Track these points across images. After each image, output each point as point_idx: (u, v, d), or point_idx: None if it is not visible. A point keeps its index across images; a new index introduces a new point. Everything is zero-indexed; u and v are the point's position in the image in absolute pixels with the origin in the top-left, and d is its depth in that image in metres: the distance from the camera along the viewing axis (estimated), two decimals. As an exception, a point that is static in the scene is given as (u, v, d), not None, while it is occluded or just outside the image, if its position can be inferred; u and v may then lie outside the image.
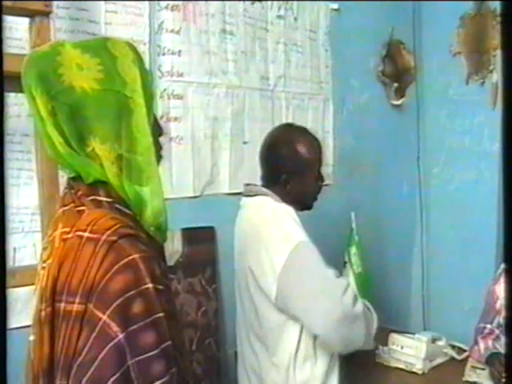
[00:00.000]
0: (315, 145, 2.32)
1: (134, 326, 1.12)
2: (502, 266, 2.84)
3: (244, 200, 2.31)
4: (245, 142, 2.97)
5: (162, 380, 1.13)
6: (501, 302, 2.79)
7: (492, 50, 3.73)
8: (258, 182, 2.37)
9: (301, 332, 2.12)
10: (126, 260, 1.14)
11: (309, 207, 2.32)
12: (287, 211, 2.16)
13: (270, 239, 2.10)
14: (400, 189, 4.01)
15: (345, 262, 2.94)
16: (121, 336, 1.10)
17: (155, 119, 1.35)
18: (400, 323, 3.62)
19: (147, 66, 2.12)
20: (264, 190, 2.24)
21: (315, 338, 2.12)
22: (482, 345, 2.72)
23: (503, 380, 2.54)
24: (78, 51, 1.24)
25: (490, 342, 2.71)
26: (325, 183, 2.40)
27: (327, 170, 3.29)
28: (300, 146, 2.27)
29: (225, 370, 2.83)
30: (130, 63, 1.27)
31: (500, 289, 2.81)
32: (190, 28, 2.73)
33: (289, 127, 2.43)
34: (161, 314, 1.15)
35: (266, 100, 3.10)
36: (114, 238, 1.16)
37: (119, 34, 2.41)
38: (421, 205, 4.06)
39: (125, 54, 1.28)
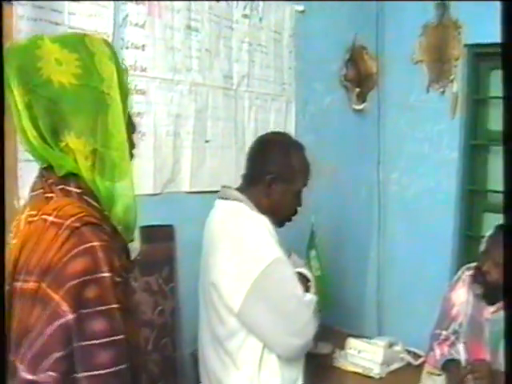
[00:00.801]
0: (308, 165, 2.31)
1: (85, 311, 1.14)
2: (459, 273, 2.88)
3: (217, 202, 2.26)
4: (207, 141, 2.94)
5: (107, 370, 1.14)
6: (457, 309, 2.82)
7: (453, 59, 3.77)
8: (219, 181, 2.34)
9: None
10: (85, 246, 1.16)
11: (281, 223, 2.27)
12: (263, 223, 2.12)
13: (241, 256, 2.05)
14: (359, 193, 4.02)
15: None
16: (70, 317, 1.13)
17: (129, 116, 1.37)
18: (355, 327, 3.63)
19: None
20: (239, 195, 2.19)
21: None
22: (437, 351, 2.74)
23: None
24: (56, 46, 1.26)
25: (445, 349, 2.73)
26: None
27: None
28: (296, 155, 2.26)
29: (181, 369, 2.79)
30: (107, 60, 1.30)
31: (456, 296, 2.84)
32: (154, 22, 2.68)
33: (290, 137, 2.40)
34: (114, 305, 1.17)
35: (229, 99, 3.07)
36: (78, 224, 1.18)
37: (83, 25, 2.36)
38: (379, 210, 4.08)
39: (102, 50, 1.30)
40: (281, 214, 2.24)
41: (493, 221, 3.67)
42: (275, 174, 2.19)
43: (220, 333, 2.12)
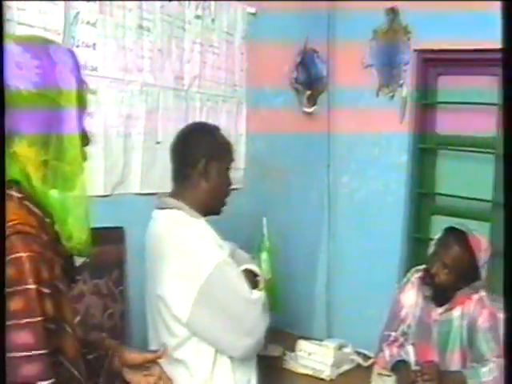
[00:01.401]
0: (230, 143, 2.34)
1: (9, 323, 1.10)
2: (408, 275, 2.93)
3: (155, 213, 2.25)
4: (158, 142, 2.93)
5: None
6: (405, 311, 2.87)
7: (403, 64, 3.84)
8: (170, 183, 2.33)
9: None
10: (11, 256, 1.13)
11: (217, 211, 2.29)
12: (203, 227, 2.14)
13: (185, 265, 2.06)
14: (309, 196, 4.06)
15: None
16: None
17: (84, 130, 1.35)
18: (305, 329, 3.66)
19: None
20: (176, 202, 2.19)
21: None
22: (387, 352, 2.79)
23: None
24: (19, 48, 1.23)
25: (394, 350, 2.78)
26: (235, 187, 2.40)
27: (238, 173, 3.30)
28: (219, 135, 2.30)
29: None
30: (68, 72, 1.27)
31: (405, 298, 2.89)
32: (106, 21, 2.65)
33: (203, 123, 2.43)
34: (39, 318, 1.14)
35: (180, 100, 3.06)
36: (7, 232, 1.15)
37: (32, 21, 2.32)
38: (329, 213, 4.13)
39: (65, 61, 1.28)
40: (219, 197, 2.28)
41: (441, 223, 3.76)
42: (208, 156, 2.21)
43: (170, 343, 2.12)
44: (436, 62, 3.87)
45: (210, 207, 2.23)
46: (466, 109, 3.80)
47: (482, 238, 2.79)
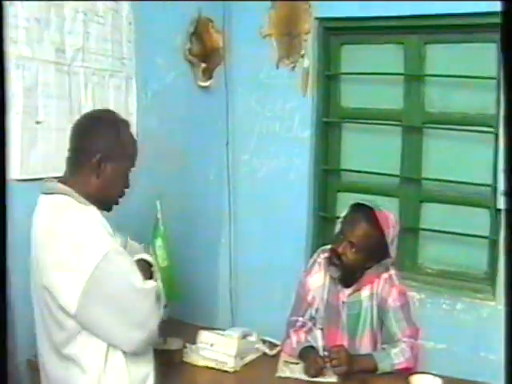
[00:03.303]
0: (136, 144, 2.31)
1: None
2: (315, 256, 2.98)
3: (41, 198, 2.19)
4: (38, 122, 2.84)
5: None
6: (312, 294, 2.92)
7: (303, 34, 3.87)
8: (53, 167, 2.27)
9: None
10: None
11: (110, 207, 2.27)
12: (92, 214, 2.11)
13: (73, 253, 2.02)
14: (207, 176, 4.06)
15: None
16: None
17: None
18: (207, 319, 3.67)
19: None
20: (63, 187, 2.14)
21: None
22: (294, 338, 2.83)
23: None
24: None
25: (302, 336, 2.83)
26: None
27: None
28: (124, 133, 2.25)
29: (16, 378, 2.70)
30: None
31: (312, 280, 2.94)
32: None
33: (116, 113, 2.37)
34: None
35: (62, 75, 2.98)
36: None
37: None
38: (229, 193, 4.14)
39: None
40: (110, 196, 2.24)
41: (347, 201, 3.84)
42: (104, 153, 2.17)
43: (59, 338, 2.08)
44: (339, 31, 3.93)
45: (100, 203, 2.19)
46: (371, 80, 3.88)
47: (390, 214, 2.86)
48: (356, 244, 2.75)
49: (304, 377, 2.67)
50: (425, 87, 3.75)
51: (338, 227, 2.88)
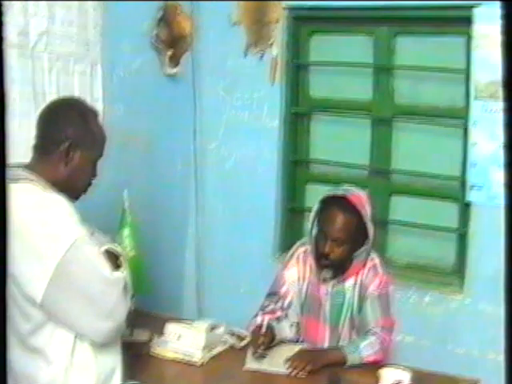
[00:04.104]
0: (105, 134, 2.28)
1: None
2: (293, 250, 2.97)
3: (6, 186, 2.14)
4: None
5: None
6: (287, 288, 2.91)
7: (273, 22, 3.84)
8: (16, 154, 2.21)
9: None
10: None
11: (77, 196, 2.24)
12: (58, 202, 2.07)
13: (40, 241, 1.99)
14: (174, 165, 4.02)
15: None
16: None
17: None
18: (175, 311, 3.64)
19: None
20: (29, 175, 2.10)
21: None
22: (259, 318, 2.84)
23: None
24: None
25: (266, 318, 2.82)
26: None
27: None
28: (94, 121, 2.22)
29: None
30: None
31: (289, 274, 2.93)
32: None
33: (85, 102, 2.34)
34: None
35: (25, 60, 2.91)
36: None
37: None
38: (196, 183, 4.10)
39: None
40: (78, 184, 2.22)
41: (316, 192, 3.84)
42: (73, 141, 2.14)
43: (25, 329, 2.04)
44: (308, 20, 3.92)
45: (67, 191, 2.16)
46: (340, 70, 3.87)
47: (360, 192, 2.85)
48: (340, 238, 2.74)
49: (272, 369, 2.66)
50: (394, 79, 3.76)
51: (313, 224, 2.86)
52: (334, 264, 2.79)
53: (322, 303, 2.86)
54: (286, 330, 2.89)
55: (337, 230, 2.73)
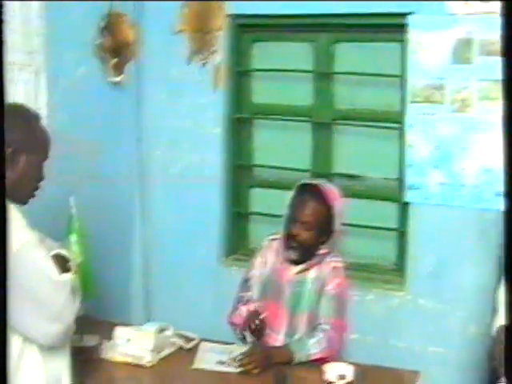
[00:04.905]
0: (49, 137, 2.30)
1: None
2: (264, 241, 3.05)
3: None
4: None
5: None
6: (253, 272, 3.02)
7: (216, 30, 3.89)
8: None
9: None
10: None
11: (25, 200, 2.25)
12: (7, 208, 2.08)
13: None
14: (120, 172, 4.03)
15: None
16: None
17: None
18: (123, 316, 3.65)
19: None
20: None
21: None
22: (243, 308, 2.91)
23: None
24: None
25: (251, 307, 2.89)
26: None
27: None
28: (37, 125, 2.24)
29: None
30: None
31: (256, 262, 3.04)
32: None
33: (24, 106, 2.36)
34: None
35: (-33, 68, 2.91)
36: None
37: None
38: (141, 189, 4.12)
39: None
40: (25, 188, 2.23)
41: (260, 196, 3.91)
42: (17, 145, 2.15)
43: None
44: (251, 28, 3.98)
45: (14, 197, 2.16)
46: (281, 77, 3.95)
47: (335, 189, 2.96)
48: (308, 222, 2.84)
49: (218, 367, 2.72)
50: (334, 84, 3.84)
51: (287, 211, 2.95)
52: (300, 246, 2.87)
53: (284, 289, 2.93)
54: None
55: (306, 214, 2.84)
